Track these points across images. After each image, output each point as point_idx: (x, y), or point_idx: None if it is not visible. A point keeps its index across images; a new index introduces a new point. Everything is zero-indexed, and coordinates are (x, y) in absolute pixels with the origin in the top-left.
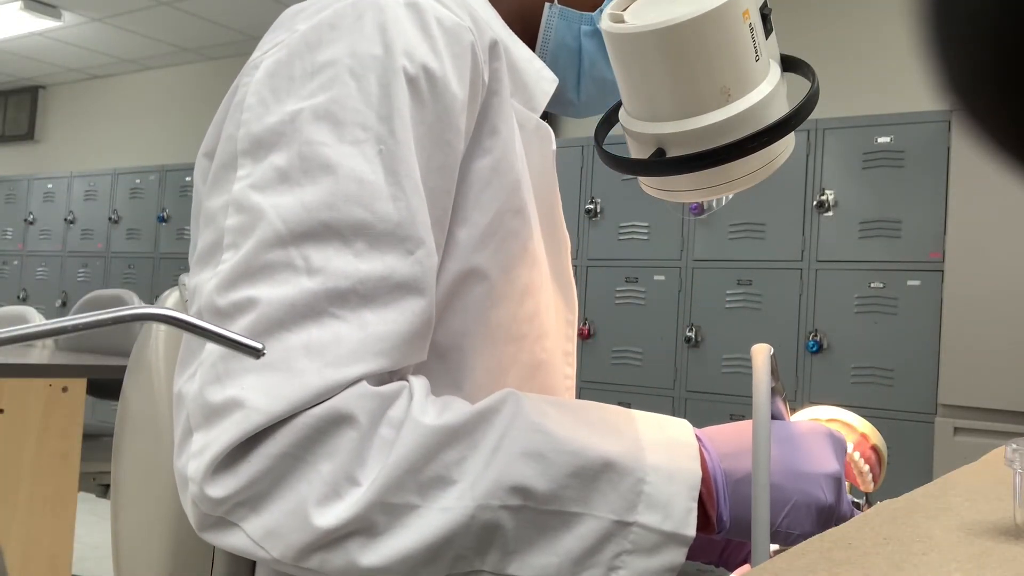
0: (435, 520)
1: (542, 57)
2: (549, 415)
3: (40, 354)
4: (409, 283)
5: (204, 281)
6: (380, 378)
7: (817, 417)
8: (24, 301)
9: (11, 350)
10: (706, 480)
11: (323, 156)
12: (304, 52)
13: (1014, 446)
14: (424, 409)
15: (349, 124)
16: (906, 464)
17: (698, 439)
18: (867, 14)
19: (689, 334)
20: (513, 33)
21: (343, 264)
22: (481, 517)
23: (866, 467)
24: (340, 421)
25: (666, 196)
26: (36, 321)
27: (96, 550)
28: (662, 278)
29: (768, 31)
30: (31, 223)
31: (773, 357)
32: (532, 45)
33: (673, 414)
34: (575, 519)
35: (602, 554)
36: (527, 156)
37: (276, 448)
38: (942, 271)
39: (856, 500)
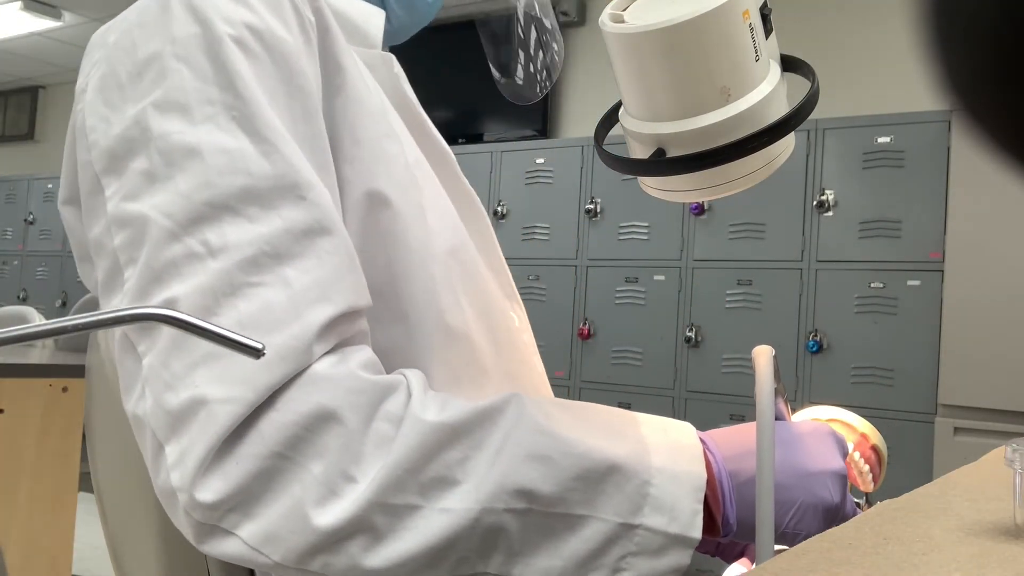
0: (438, 522)
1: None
2: (553, 417)
3: (40, 354)
4: (313, 227)
5: (115, 307)
6: (354, 340)
7: (817, 417)
8: (24, 301)
9: (11, 350)
10: (711, 483)
11: (182, 143)
12: (123, 58)
13: (1014, 446)
14: (425, 404)
15: (194, 104)
16: (906, 464)
17: (702, 442)
18: (867, 14)
19: (689, 334)
20: None
21: (242, 233)
22: (485, 520)
23: (866, 467)
24: (326, 418)
25: (666, 196)
26: (36, 321)
27: (96, 550)
28: (662, 278)
29: (768, 31)
30: (31, 223)
31: (775, 359)
32: None
33: (673, 414)
34: (580, 522)
35: (607, 556)
36: (383, 88)
37: (264, 446)
38: (942, 271)
39: (856, 500)
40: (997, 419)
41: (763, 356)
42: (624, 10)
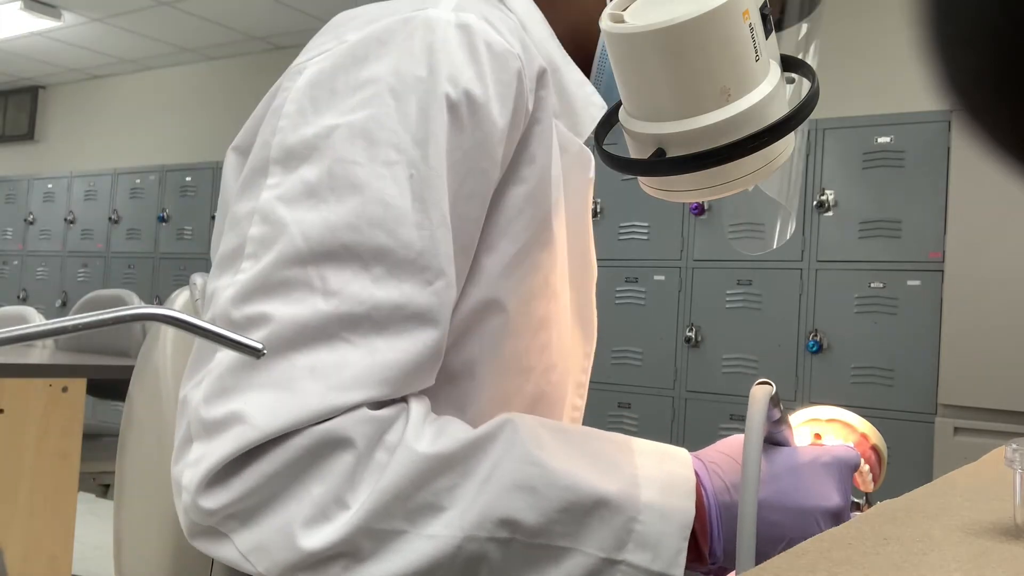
0: (421, 547)
1: (598, 83)
2: (546, 446)
3: (40, 354)
4: (424, 314)
5: (222, 288)
6: (380, 403)
7: (817, 417)
8: (24, 301)
9: (11, 350)
10: (700, 515)
11: (353, 175)
12: (349, 65)
13: (1014, 446)
14: (419, 434)
15: (383, 144)
16: (906, 464)
17: (696, 472)
18: (867, 14)
19: (689, 334)
20: (567, 55)
21: (359, 289)
22: (468, 548)
23: (866, 467)
24: (337, 444)
25: (666, 196)
26: (36, 321)
27: (96, 550)
28: (662, 278)
29: (768, 31)
30: (31, 223)
31: (775, 395)
32: (587, 68)
33: (673, 414)
34: (563, 554)
35: None
36: (565, 181)
37: (270, 467)
38: (942, 271)
39: (856, 500)
40: (997, 419)
41: (757, 402)
42: (624, 10)
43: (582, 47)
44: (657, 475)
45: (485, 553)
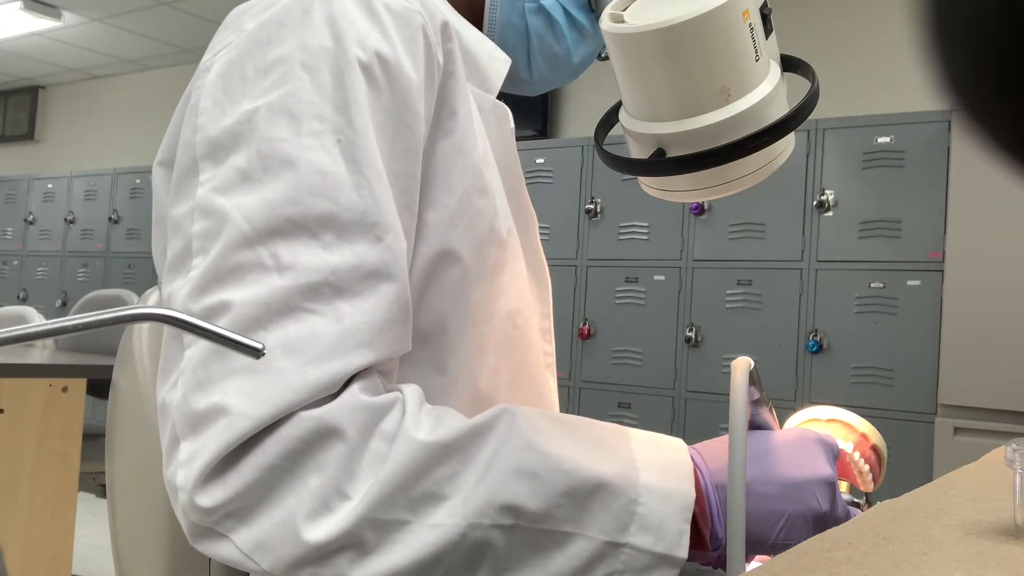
0: (425, 536)
1: (489, 38)
2: (544, 432)
3: (40, 354)
4: (380, 270)
5: (177, 289)
6: (368, 373)
7: (817, 417)
8: (24, 301)
9: (11, 350)
10: (699, 499)
11: (282, 152)
12: (255, 51)
13: (1014, 446)
14: (418, 423)
15: (306, 117)
16: (906, 464)
17: (691, 457)
18: (867, 14)
19: (689, 334)
20: (461, 16)
21: (312, 258)
22: (472, 535)
23: (866, 467)
24: (329, 434)
25: (666, 196)
26: (36, 321)
27: (96, 550)
28: (662, 278)
29: (768, 31)
30: (31, 223)
31: (755, 370)
32: (479, 28)
33: (673, 414)
34: (567, 539)
35: (593, 574)
36: (488, 137)
37: (265, 459)
38: (942, 271)
39: (856, 500)
40: (997, 419)
41: (738, 370)
42: (624, 10)
43: (474, 9)
44: (654, 459)
45: (489, 540)
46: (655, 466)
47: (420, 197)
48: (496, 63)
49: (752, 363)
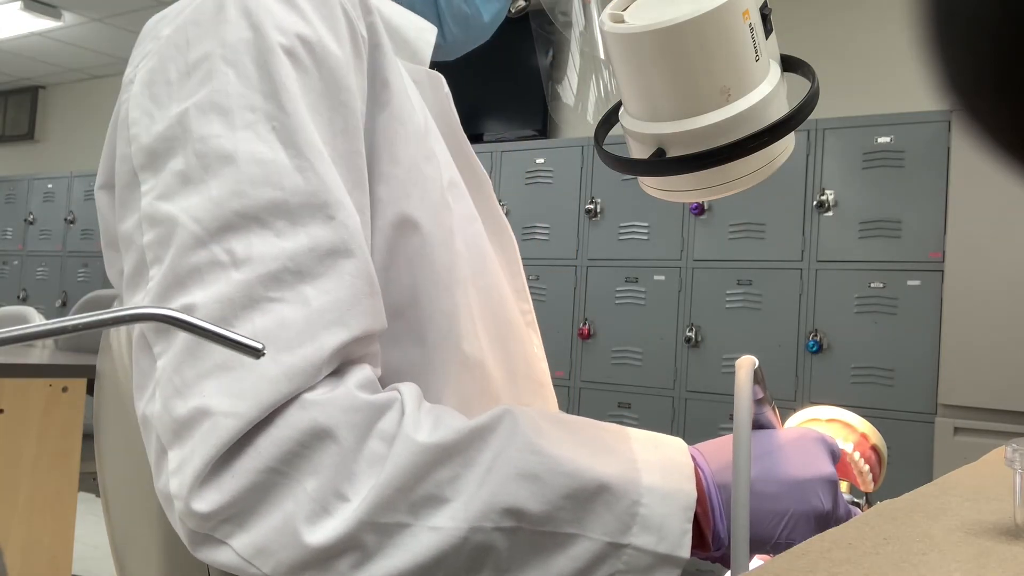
0: (427, 540)
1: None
2: (544, 434)
3: (40, 354)
4: (338, 247)
5: (138, 302)
6: (359, 366)
7: (817, 417)
8: (24, 301)
9: (11, 350)
10: (701, 500)
11: (219, 148)
12: (175, 54)
13: (1014, 446)
14: (417, 424)
15: (236, 110)
16: (906, 464)
17: (692, 457)
18: (867, 14)
19: (689, 334)
20: None
21: (267, 247)
22: (474, 539)
23: (866, 467)
24: (322, 436)
25: (666, 196)
26: (36, 321)
27: (96, 550)
28: (662, 278)
29: (768, 31)
30: (31, 223)
31: (759, 369)
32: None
33: (673, 414)
34: (569, 540)
35: (595, 574)
36: (427, 106)
37: (259, 461)
38: (942, 271)
39: (856, 500)
40: (997, 419)
41: (743, 369)
42: (624, 10)
43: None
44: (656, 460)
45: (492, 543)
46: (657, 466)
47: (369, 172)
48: (423, 33)
49: (756, 362)
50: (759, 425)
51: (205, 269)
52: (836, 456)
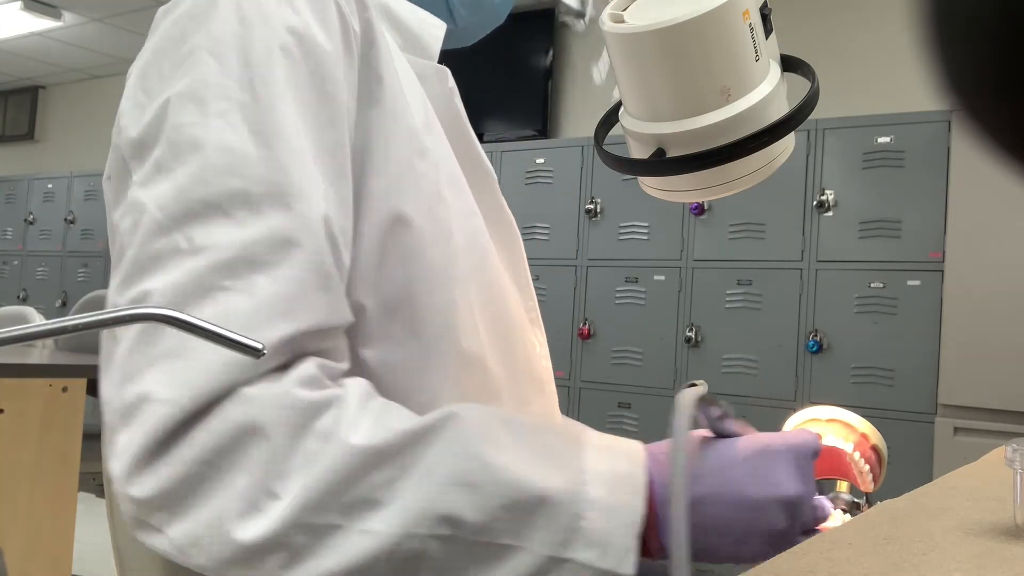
0: (359, 543)
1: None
2: (490, 439)
3: (40, 354)
4: (291, 238)
5: (111, 287)
6: (306, 362)
7: (817, 417)
8: (24, 301)
9: (11, 350)
10: (651, 510)
11: (190, 136)
12: (169, 48)
13: (1014, 446)
14: (354, 425)
15: (211, 99)
16: (906, 464)
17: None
18: (867, 14)
19: (689, 334)
20: None
21: (224, 235)
22: (407, 545)
23: (866, 467)
24: (252, 432)
25: (666, 196)
26: (36, 321)
27: (96, 550)
28: (662, 278)
29: (768, 31)
30: (31, 223)
31: (708, 393)
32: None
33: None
34: (508, 552)
35: None
36: (434, 103)
37: (192, 452)
38: (942, 271)
39: (856, 500)
40: (997, 419)
41: (682, 406)
42: (624, 10)
43: None
44: (605, 471)
45: (426, 550)
46: (605, 478)
47: (362, 166)
48: (430, 28)
49: (701, 390)
50: (722, 435)
51: (165, 256)
52: (814, 455)
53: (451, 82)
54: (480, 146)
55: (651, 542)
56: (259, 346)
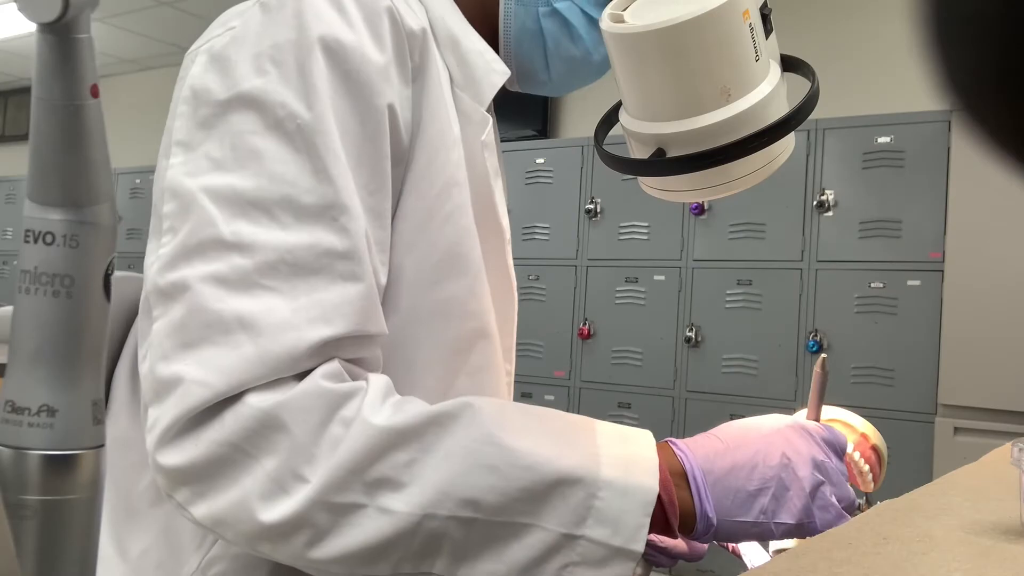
0: (380, 521)
1: (506, 44)
2: (506, 425)
3: None
4: (336, 249)
5: (148, 264)
6: (331, 360)
7: None
8: None
9: None
10: (666, 486)
11: (251, 144)
12: (236, 48)
13: (1020, 446)
14: (375, 409)
15: (270, 107)
16: (906, 464)
17: (675, 445)
18: (867, 14)
19: (689, 334)
20: (470, 27)
21: (271, 238)
22: (428, 525)
23: (866, 467)
24: (281, 420)
25: (666, 196)
26: None
27: None
28: (662, 278)
29: (768, 31)
30: None
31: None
32: (496, 35)
33: (673, 414)
34: (524, 530)
35: (549, 564)
36: (467, 146)
37: (222, 435)
38: (942, 271)
39: (856, 500)
40: (997, 419)
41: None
42: (624, 10)
43: (489, 18)
44: (619, 454)
45: (446, 531)
46: (618, 460)
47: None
48: (493, 75)
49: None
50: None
51: (211, 247)
52: (832, 443)
53: (487, 134)
54: (502, 201)
55: (667, 520)
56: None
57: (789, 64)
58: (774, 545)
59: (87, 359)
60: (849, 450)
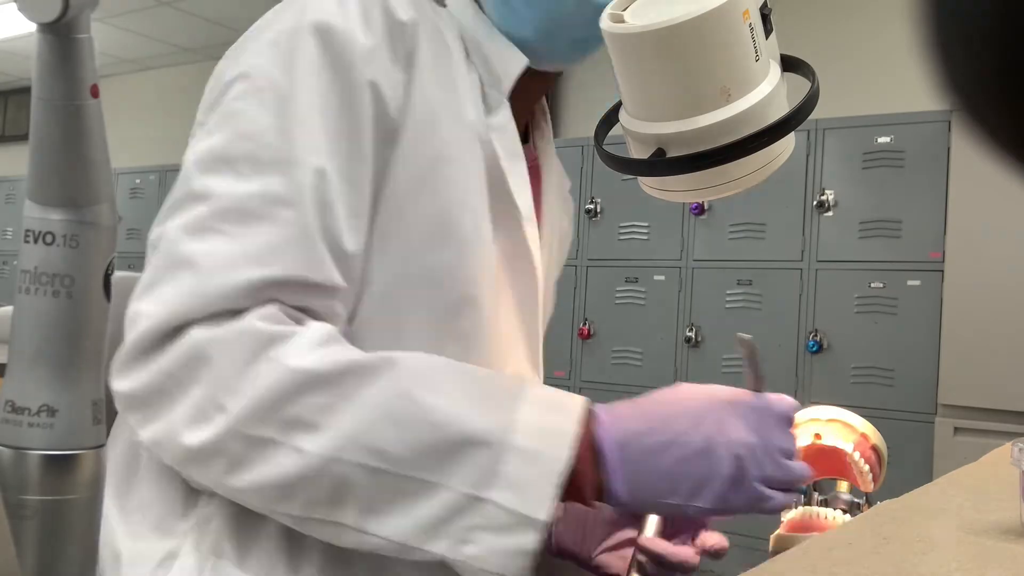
0: (289, 458)
1: (488, 16)
2: (428, 383)
3: None
4: (283, 197)
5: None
6: (266, 292)
7: (817, 417)
8: None
9: None
10: (583, 460)
11: (232, 108)
12: (247, 37)
13: (1021, 446)
14: (302, 352)
15: (256, 78)
16: (906, 464)
17: (597, 419)
18: (867, 14)
19: (689, 334)
20: (487, 20)
21: (228, 187)
22: (334, 469)
23: (866, 467)
24: (211, 354)
25: (666, 196)
26: None
27: None
28: (662, 278)
29: (768, 31)
30: None
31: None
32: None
33: None
34: (430, 487)
35: (454, 525)
36: (483, 130)
37: (162, 364)
38: (942, 271)
39: (856, 500)
40: (997, 419)
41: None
42: (624, 10)
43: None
44: (537, 422)
45: (352, 477)
46: (534, 428)
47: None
48: (509, 65)
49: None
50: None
51: (185, 199)
52: (769, 415)
53: (499, 119)
54: (519, 182)
55: (587, 494)
56: None
57: (789, 64)
58: None
59: (87, 359)
60: (849, 450)
